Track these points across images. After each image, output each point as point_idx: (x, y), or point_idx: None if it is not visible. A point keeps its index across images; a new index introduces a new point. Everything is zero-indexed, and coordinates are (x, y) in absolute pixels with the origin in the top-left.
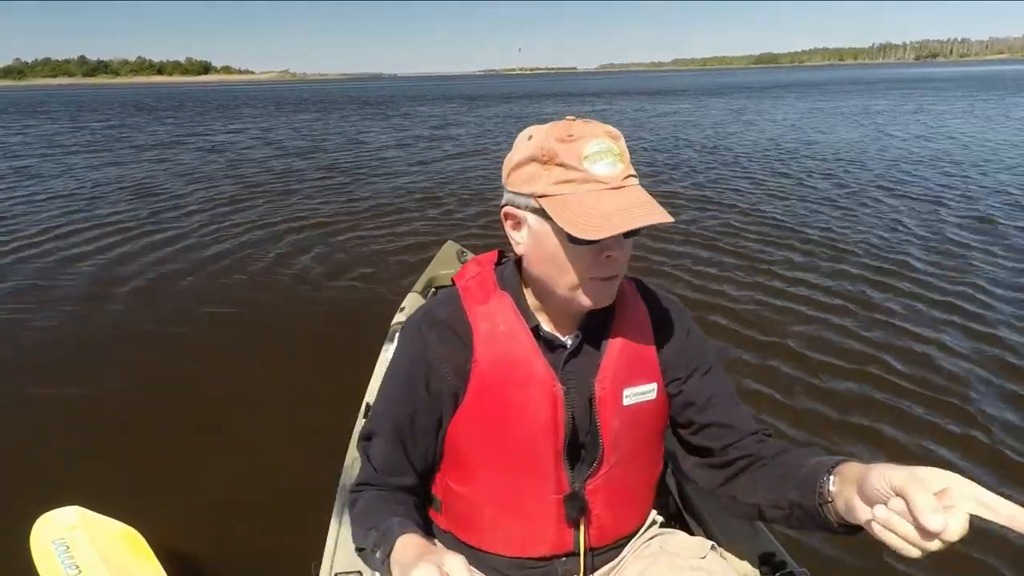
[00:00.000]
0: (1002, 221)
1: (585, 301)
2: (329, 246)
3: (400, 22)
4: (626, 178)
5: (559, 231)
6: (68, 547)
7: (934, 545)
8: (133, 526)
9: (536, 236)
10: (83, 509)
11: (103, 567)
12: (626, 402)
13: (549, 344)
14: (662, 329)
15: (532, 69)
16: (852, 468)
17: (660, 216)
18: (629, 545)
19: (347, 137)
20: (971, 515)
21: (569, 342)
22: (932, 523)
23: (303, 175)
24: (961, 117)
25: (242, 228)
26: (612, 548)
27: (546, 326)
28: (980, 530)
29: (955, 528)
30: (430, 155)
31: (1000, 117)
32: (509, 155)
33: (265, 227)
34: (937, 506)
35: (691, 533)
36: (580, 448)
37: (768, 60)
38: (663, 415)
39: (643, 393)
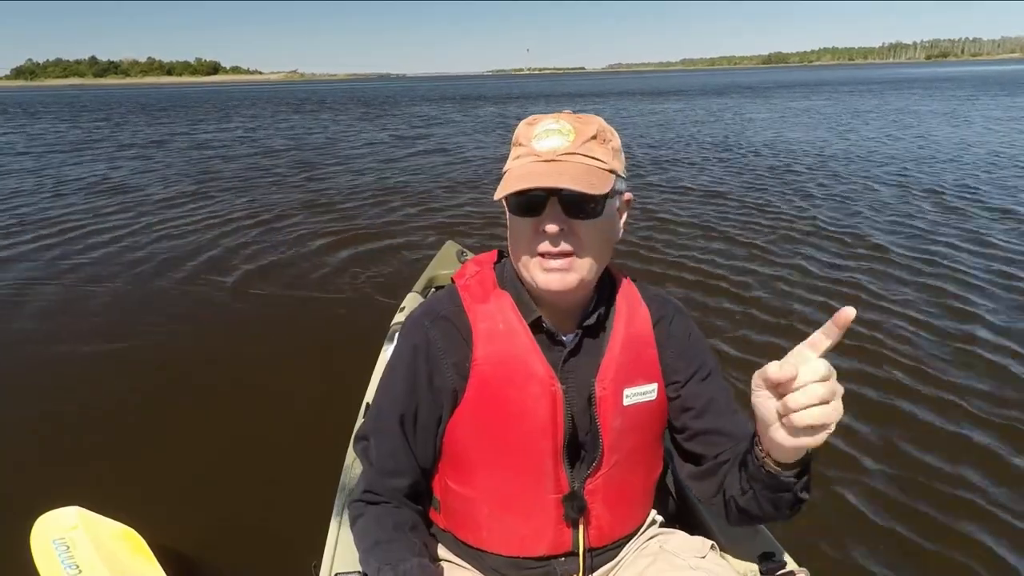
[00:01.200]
0: None
1: (535, 278)
2: (329, 246)
3: (408, 23)
4: (567, 154)
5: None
6: (68, 547)
7: (804, 396)
8: (132, 526)
9: (508, 215)
10: (83, 509)
11: (103, 567)
12: (626, 402)
13: (550, 339)
14: (663, 330)
15: (540, 69)
16: None
17: (564, 183)
18: (628, 545)
19: (347, 137)
20: (818, 356)
21: (569, 340)
22: (771, 371)
23: (302, 175)
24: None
25: (241, 229)
26: (611, 548)
27: (547, 321)
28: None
29: (807, 371)
30: (430, 155)
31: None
32: None
33: (264, 228)
34: (778, 363)
35: (691, 533)
36: (580, 448)
37: (777, 60)
38: (663, 415)
39: (644, 393)
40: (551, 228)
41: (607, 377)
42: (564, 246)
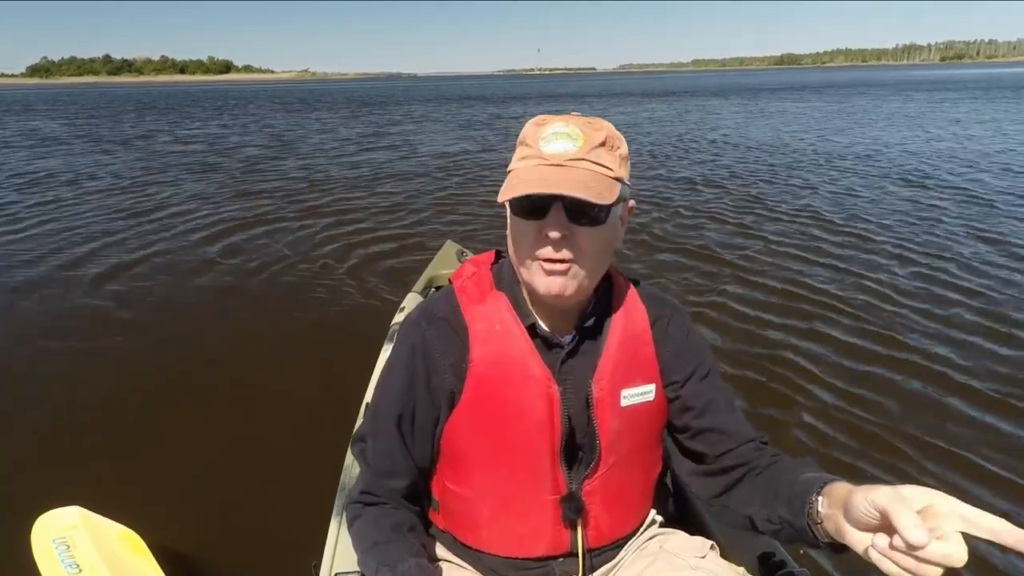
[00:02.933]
0: None
1: (536, 283)
2: (329, 246)
3: (419, 22)
4: (575, 160)
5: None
6: (68, 546)
7: (934, 572)
8: (132, 526)
9: (508, 217)
10: (84, 509)
11: (103, 566)
12: (624, 403)
13: (546, 343)
14: (661, 330)
15: (551, 70)
16: (839, 489)
17: (571, 190)
18: (628, 545)
19: (346, 138)
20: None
21: (566, 342)
22: (914, 537)
23: (302, 175)
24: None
25: (241, 229)
26: (610, 548)
27: (544, 324)
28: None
29: (954, 553)
30: (431, 155)
31: None
32: None
33: (264, 228)
34: (919, 522)
35: (691, 533)
36: (577, 449)
37: (789, 61)
38: (662, 416)
39: (641, 394)
40: (554, 234)
41: (604, 378)
42: (565, 252)
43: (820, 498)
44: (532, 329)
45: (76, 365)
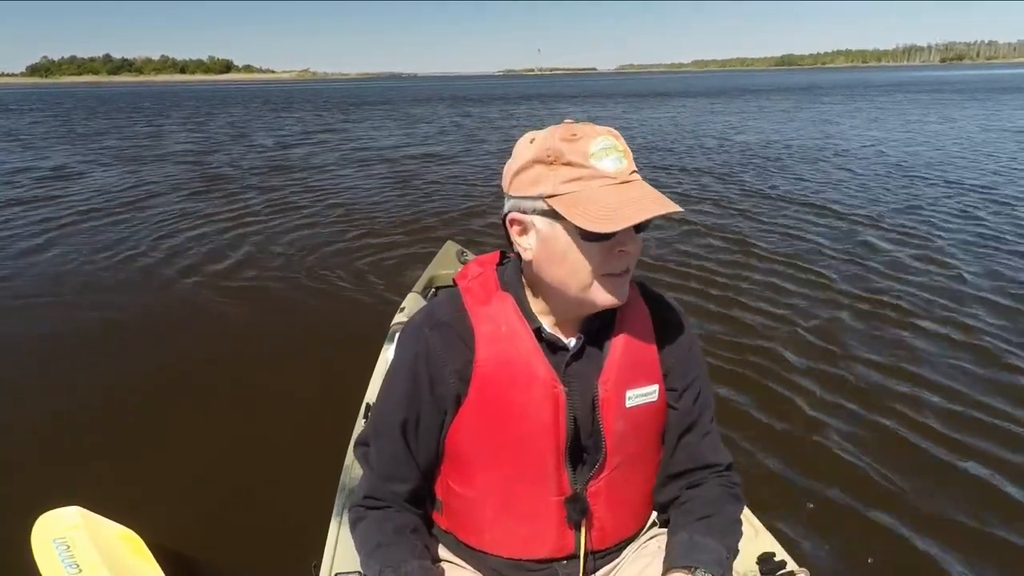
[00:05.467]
0: None
1: (600, 299)
2: (329, 246)
3: (420, 22)
4: (631, 173)
5: (571, 229)
6: (69, 546)
7: None
8: (132, 526)
9: (545, 239)
10: (84, 510)
11: (103, 567)
12: (629, 404)
13: (551, 346)
14: (665, 332)
15: (551, 70)
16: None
17: (671, 207)
18: (630, 547)
19: (346, 138)
20: None
21: (572, 344)
22: None
23: (302, 175)
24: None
25: (240, 229)
26: (613, 550)
27: (549, 328)
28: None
29: None
30: (431, 155)
31: None
32: (509, 162)
33: (264, 228)
34: None
35: None
36: (582, 450)
37: (790, 62)
38: (664, 416)
39: (646, 394)
40: (632, 249)
41: (610, 379)
42: (630, 259)
43: None
44: (538, 333)
45: (76, 366)
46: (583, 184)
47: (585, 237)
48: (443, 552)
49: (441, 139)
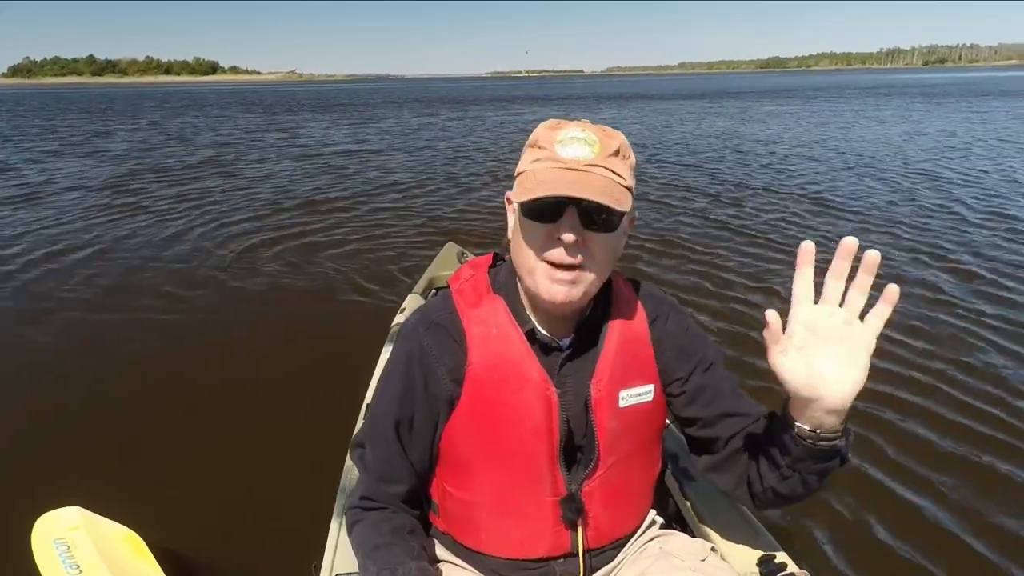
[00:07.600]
0: None
1: (542, 289)
2: (330, 247)
3: (406, 25)
4: (594, 165)
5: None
6: (69, 546)
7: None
8: (132, 526)
9: (511, 215)
10: (84, 510)
11: (103, 566)
12: (622, 404)
13: (545, 347)
14: (660, 330)
15: (539, 72)
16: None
17: (592, 195)
18: (628, 546)
19: (346, 138)
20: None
21: (565, 344)
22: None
23: (302, 175)
24: None
25: (240, 229)
26: (610, 548)
27: (542, 328)
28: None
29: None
30: (431, 155)
31: None
32: None
33: (264, 228)
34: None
35: (691, 534)
36: (576, 450)
37: (775, 64)
38: (661, 416)
39: (640, 394)
40: (568, 237)
41: (603, 379)
42: (578, 257)
43: (788, 420)
44: (531, 334)
45: (76, 366)
46: (539, 164)
47: (525, 214)
48: (441, 553)
49: (446, 139)
